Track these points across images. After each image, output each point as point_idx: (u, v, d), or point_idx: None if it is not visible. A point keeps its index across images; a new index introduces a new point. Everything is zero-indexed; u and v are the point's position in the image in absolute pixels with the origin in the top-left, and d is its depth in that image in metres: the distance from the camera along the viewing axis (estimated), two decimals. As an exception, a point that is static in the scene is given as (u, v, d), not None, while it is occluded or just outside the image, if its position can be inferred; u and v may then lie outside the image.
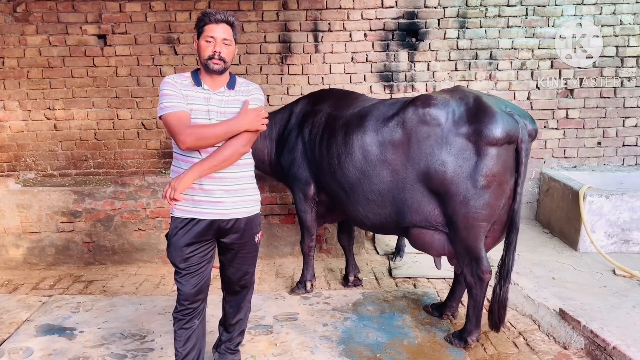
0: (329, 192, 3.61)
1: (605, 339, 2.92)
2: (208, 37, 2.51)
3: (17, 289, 4.21)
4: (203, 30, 2.53)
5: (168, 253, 2.60)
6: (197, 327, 2.67)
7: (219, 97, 2.57)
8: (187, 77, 2.60)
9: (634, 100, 5.52)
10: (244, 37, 5.28)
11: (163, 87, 2.53)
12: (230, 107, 2.58)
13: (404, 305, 3.77)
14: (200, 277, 2.61)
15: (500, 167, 2.87)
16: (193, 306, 2.62)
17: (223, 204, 2.57)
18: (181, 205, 2.55)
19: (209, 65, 2.52)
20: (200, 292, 2.63)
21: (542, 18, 5.37)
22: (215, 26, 2.51)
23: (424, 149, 2.99)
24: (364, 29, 5.35)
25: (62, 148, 5.53)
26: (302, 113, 3.88)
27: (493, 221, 3.01)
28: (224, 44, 2.52)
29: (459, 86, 3.29)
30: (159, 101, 2.51)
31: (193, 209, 2.55)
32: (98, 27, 5.29)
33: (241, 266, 2.75)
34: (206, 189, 2.54)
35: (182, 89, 2.52)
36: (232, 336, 2.93)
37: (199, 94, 2.55)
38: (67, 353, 3.17)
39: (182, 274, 2.58)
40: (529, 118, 2.99)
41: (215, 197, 2.55)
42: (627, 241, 4.57)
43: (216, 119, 2.54)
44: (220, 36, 2.51)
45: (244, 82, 2.71)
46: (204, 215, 2.55)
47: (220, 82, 2.60)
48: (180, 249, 2.55)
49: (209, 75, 2.57)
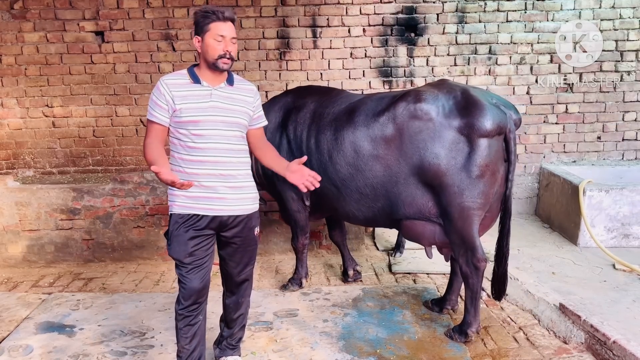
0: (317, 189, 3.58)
1: (606, 333, 2.92)
2: (218, 36, 2.48)
3: (17, 287, 4.21)
4: (210, 28, 2.49)
5: (170, 250, 2.59)
6: (201, 324, 2.68)
7: (220, 93, 2.57)
8: (185, 75, 2.58)
9: (633, 94, 5.50)
10: (242, 33, 5.26)
11: (154, 92, 2.55)
12: (233, 105, 2.59)
13: (404, 301, 3.77)
14: (206, 271, 2.62)
15: (493, 157, 2.98)
16: (200, 301, 2.63)
17: (226, 200, 2.57)
18: (181, 201, 2.55)
19: (218, 65, 2.51)
20: (205, 286, 2.63)
21: (542, 12, 5.35)
22: (223, 24, 2.49)
23: (417, 143, 3.05)
24: (362, 24, 5.33)
25: (60, 145, 5.52)
26: (283, 111, 3.78)
27: (486, 209, 3.08)
28: (232, 42, 2.52)
29: (445, 79, 3.36)
30: (149, 102, 2.57)
31: (195, 205, 2.55)
32: (96, 23, 5.26)
33: (241, 260, 2.76)
34: (208, 186, 2.54)
35: (176, 91, 2.51)
36: (233, 332, 2.93)
37: (197, 92, 2.54)
38: (67, 350, 3.17)
39: (188, 268, 2.56)
40: (513, 108, 3.13)
41: (218, 193, 2.56)
42: (627, 235, 4.57)
43: (220, 115, 2.54)
44: (229, 35, 2.51)
45: (241, 80, 2.73)
46: (206, 211, 2.55)
47: (220, 78, 2.60)
48: (184, 244, 2.55)
49: (211, 72, 2.56)
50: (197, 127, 2.52)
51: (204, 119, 2.52)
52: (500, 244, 3.17)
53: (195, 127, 2.52)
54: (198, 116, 2.51)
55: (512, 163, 3.04)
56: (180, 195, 2.54)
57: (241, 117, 2.61)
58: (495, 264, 3.20)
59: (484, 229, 3.25)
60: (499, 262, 3.19)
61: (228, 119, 2.56)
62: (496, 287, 3.25)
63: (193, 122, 2.51)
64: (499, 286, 3.24)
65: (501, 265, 3.18)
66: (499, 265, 3.19)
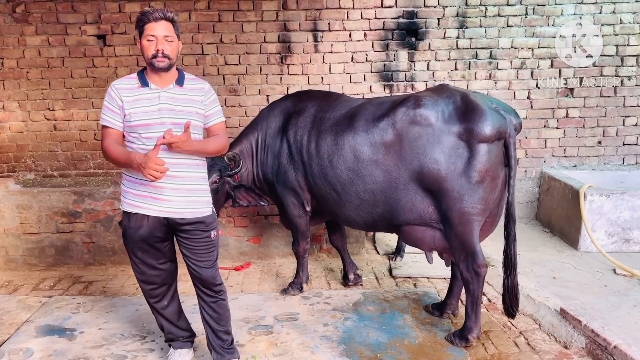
0: (317, 194, 3.59)
1: (606, 338, 2.92)
2: (149, 36, 2.52)
3: (17, 290, 4.20)
4: (144, 30, 2.54)
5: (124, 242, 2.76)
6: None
7: (169, 94, 2.59)
8: (134, 78, 2.63)
9: (634, 99, 5.51)
10: (244, 37, 5.28)
11: (106, 97, 2.61)
12: (182, 106, 2.60)
13: (405, 305, 3.76)
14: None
15: (493, 162, 2.97)
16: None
17: (171, 202, 2.60)
18: (131, 199, 2.63)
19: (154, 64, 2.54)
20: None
21: (542, 17, 5.36)
22: (155, 24, 2.52)
23: (416, 148, 3.05)
24: (363, 28, 5.34)
25: (61, 148, 5.52)
26: (283, 116, 3.79)
27: (486, 215, 3.07)
28: (165, 41, 2.53)
29: (444, 84, 3.37)
30: (102, 108, 2.63)
31: (143, 205, 2.61)
32: (97, 27, 5.28)
33: (199, 262, 2.74)
34: (157, 186, 2.57)
35: (125, 96, 2.55)
36: (220, 337, 2.89)
37: (146, 95, 2.57)
38: (68, 354, 3.17)
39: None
40: (514, 113, 3.11)
41: (164, 195, 2.59)
42: (627, 240, 4.57)
43: (168, 117, 2.56)
44: (161, 34, 2.52)
45: (193, 79, 2.72)
46: (153, 211, 2.61)
47: (168, 79, 2.61)
48: (136, 242, 2.69)
49: (156, 73, 2.58)
50: (148, 131, 2.55)
51: (153, 122, 2.54)
52: (508, 253, 3.10)
53: (146, 131, 2.55)
54: (147, 120, 2.53)
55: (512, 168, 3.04)
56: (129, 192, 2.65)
57: (191, 117, 2.61)
58: (505, 274, 3.12)
59: (484, 234, 3.25)
60: (509, 273, 3.09)
61: (179, 120, 2.56)
62: (508, 301, 3.12)
63: (143, 125, 2.54)
64: (510, 300, 3.11)
65: (510, 276, 3.08)
66: (508, 275, 3.09)
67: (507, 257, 3.12)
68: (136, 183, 2.62)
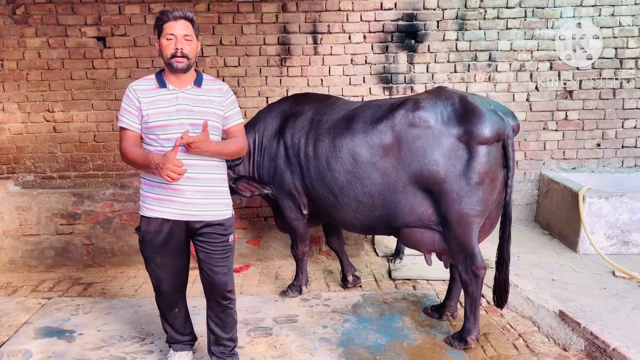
0: (314, 197, 3.59)
1: (605, 340, 2.92)
2: (168, 35, 2.49)
3: (16, 292, 4.20)
4: (163, 29, 2.50)
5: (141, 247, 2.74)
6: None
7: (187, 95, 2.56)
8: (152, 79, 2.60)
9: (633, 101, 5.52)
10: (243, 39, 5.28)
11: (124, 99, 2.59)
12: (201, 107, 2.57)
13: (404, 307, 3.76)
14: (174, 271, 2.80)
15: (492, 163, 2.98)
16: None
17: (192, 204, 2.58)
18: (150, 204, 2.60)
19: (172, 64, 2.51)
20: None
21: (541, 19, 5.38)
22: (174, 23, 2.48)
23: (415, 150, 3.06)
24: (363, 31, 5.35)
25: (61, 150, 5.53)
26: (280, 118, 3.77)
27: (485, 217, 3.08)
28: (185, 40, 2.50)
29: (443, 86, 3.38)
30: (120, 109, 2.60)
31: (162, 209, 2.59)
32: (97, 29, 5.29)
33: (213, 267, 2.70)
34: (176, 189, 2.54)
35: (143, 97, 2.53)
36: (223, 344, 2.87)
37: (163, 96, 2.54)
38: (67, 355, 3.17)
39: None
40: (511, 115, 3.13)
41: (184, 197, 2.56)
42: (626, 242, 4.57)
43: (186, 118, 2.53)
44: (180, 33, 2.49)
45: (212, 80, 2.70)
46: (173, 215, 2.59)
47: (186, 80, 2.58)
48: (155, 247, 2.66)
49: (174, 74, 2.55)
50: (166, 132, 2.53)
51: (171, 123, 2.52)
52: (501, 251, 3.16)
53: (164, 132, 2.53)
54: (165, 121, 2.51)
55: (510, 169, 3.05)
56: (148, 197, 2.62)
57: (210, 118, 2.57)
58: (496, 270, 3.20)
59: (483, 236, 3.26)
60: (500, 269, 3.18)
61: (197, 121, 2.54)
62: (497, 294, 3.24)
63: (161, 126, 2.52)
64: (500, 293, 3.23)
65: (502, 272, 3.17)
66: (500, 272, 3.18)
67: (500, 255, 3.16)
68: (155, 187, 2.59)
